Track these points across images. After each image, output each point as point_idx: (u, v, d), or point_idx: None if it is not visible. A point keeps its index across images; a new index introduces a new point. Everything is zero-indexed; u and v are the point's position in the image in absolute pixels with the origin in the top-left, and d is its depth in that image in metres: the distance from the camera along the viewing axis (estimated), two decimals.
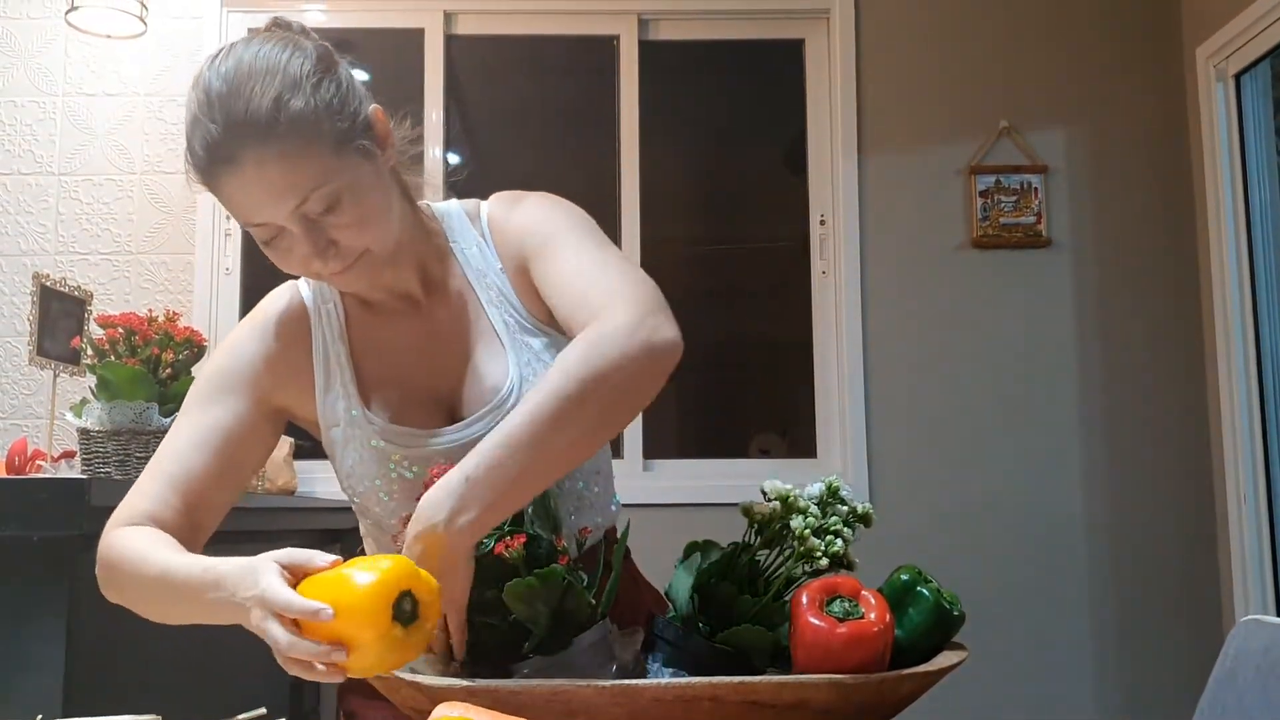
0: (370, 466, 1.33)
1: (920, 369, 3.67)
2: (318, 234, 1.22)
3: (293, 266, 1.27)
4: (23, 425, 3.59)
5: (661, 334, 1.17)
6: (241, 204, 1.21)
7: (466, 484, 1.10)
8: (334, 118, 1.21)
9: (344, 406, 1.35)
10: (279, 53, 1.21)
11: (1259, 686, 1.28)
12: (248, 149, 1.17)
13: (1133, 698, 3.55)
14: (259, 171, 1.17)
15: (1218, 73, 3.59)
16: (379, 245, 1.26)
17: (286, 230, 1.22)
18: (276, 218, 1.20)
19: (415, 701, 1.06)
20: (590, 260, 1.29)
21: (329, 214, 1.21)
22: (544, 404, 1.13)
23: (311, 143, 1.19)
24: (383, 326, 1.39)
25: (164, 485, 1.30)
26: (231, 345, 1.39)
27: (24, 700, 1.66)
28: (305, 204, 1.19)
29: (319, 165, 1.19)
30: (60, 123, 3.73)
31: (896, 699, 1.07)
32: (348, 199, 1.21)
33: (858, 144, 3.76)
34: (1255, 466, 3.43)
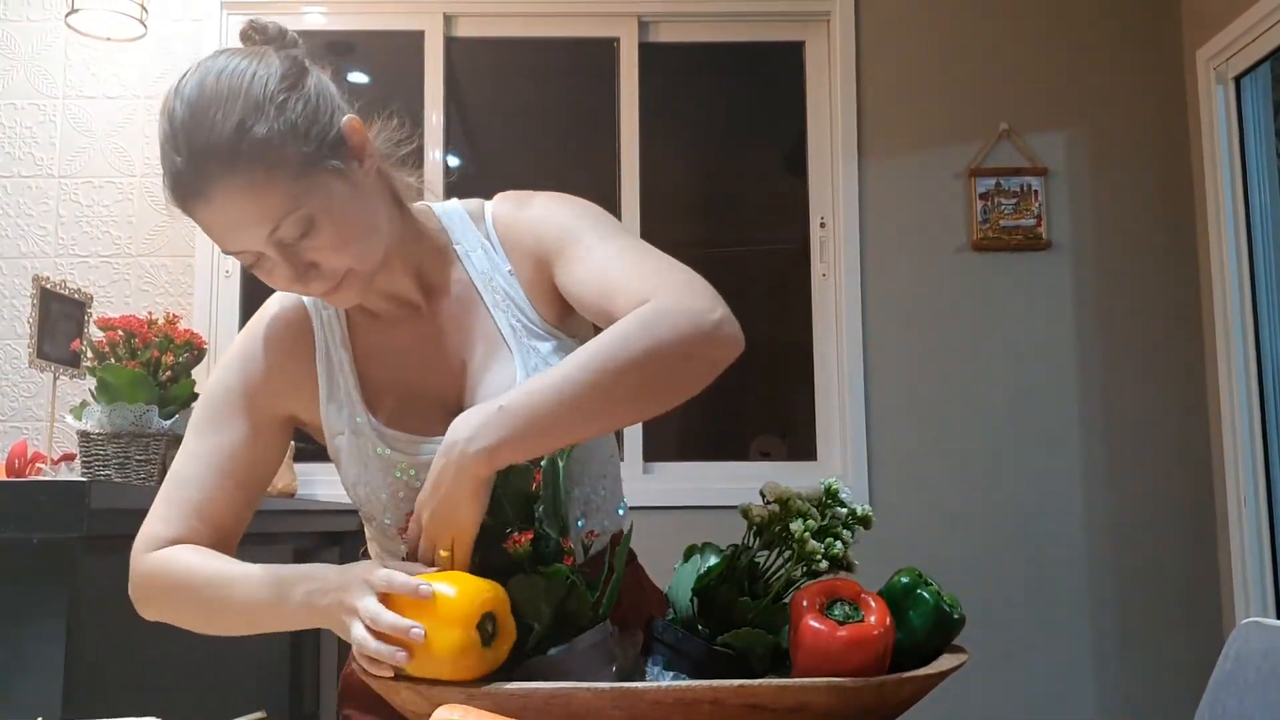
0: (374, 474, 1.33)
1: (920, 371, 3.67)
2: (295, 258, 1.19)
3: (280, 285, 1.25)
4: (23, 428, 3.59)
5: (730, 327, 1.15)
6: (217, 233, 1.19)
7: (499, 412, 1.10)
8: (299, 141, 1.17)
9: (348, 414, 1.34)
10: (242, 72, 1.18)
11: (1259, 689, 1.28)
12: (213, 180, 1.14)
13: (1133, 700, 3.55)
14: (226, 203, 1.15)
15: (1218, 75, 3.60)
16: (362, 262, 1.23)
17: (265, 255, 1.19)
18: (251, 245, 1.18)
19: (414, 704, 1.06)
20: (627, 249, 1.27)
21: (305, 238, 1.18)
22: (596, 361, 1.11)
23: (276, 168, 1.15)
24: (385, 332, 1.37)
25: (187, 510, 1.31)
26: (234, 360, 1.38)
27: (24, 702, 1.66)
28: (278, 231, 1.16)
29: (286, 191, 1.16)
30: (60, 125, 3.73)
31: (897, 702, 1.07)
32: (323, 221, 1.18)
33: (858, 146, 3.76)
34: (1255, 468, 3.43)
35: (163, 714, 1.18)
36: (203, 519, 1.31)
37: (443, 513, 1.11)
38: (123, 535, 1.92)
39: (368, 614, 1.06)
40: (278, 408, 1.36)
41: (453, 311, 1.36)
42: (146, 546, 1.31)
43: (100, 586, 1.84)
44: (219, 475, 1.32)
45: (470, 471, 1.10)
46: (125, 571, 1.97)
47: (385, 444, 1.32)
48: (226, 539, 1.33)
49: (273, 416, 1.36)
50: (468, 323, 1.35)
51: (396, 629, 1.04)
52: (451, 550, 1.12)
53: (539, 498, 1.18)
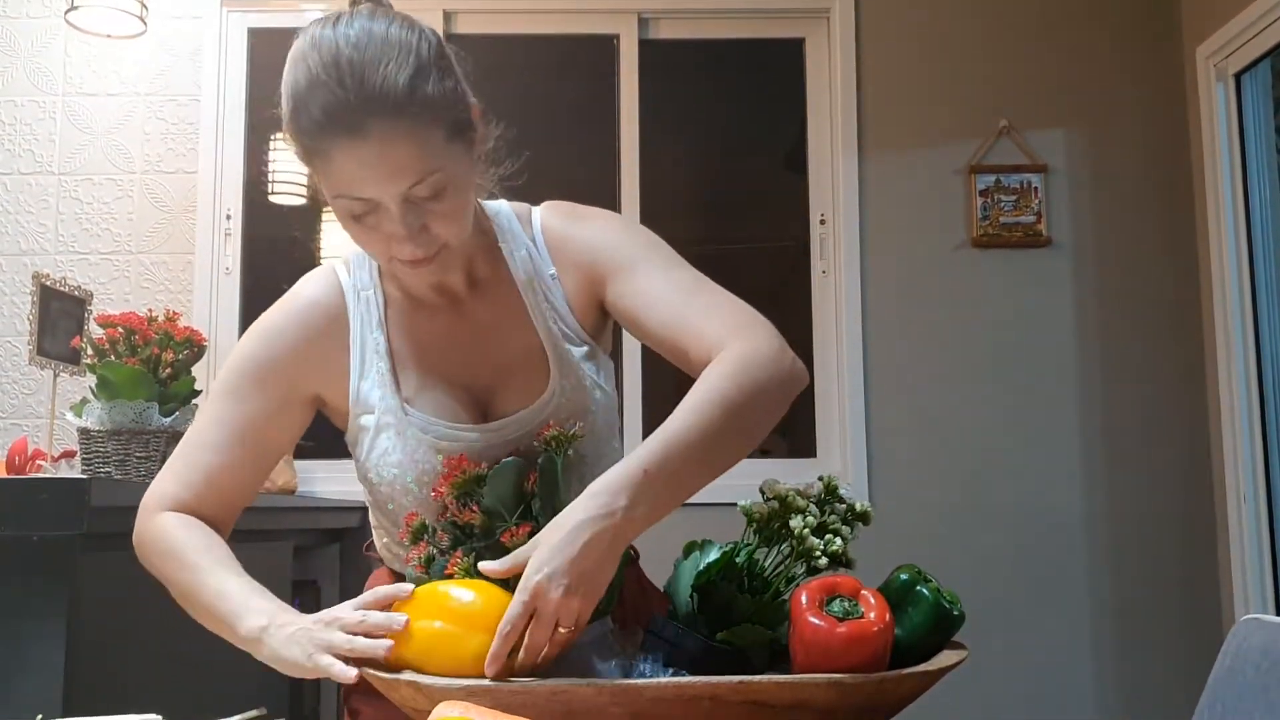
0: (401, 455, 1.33)
1: (920, 368, 3.67)
2: (414, 217, 1.21)
3: (373, 245, 1.25)
4: (23, 425, 3.59)
5: (799, 366, 1.24)
6: (351, 175, 1.18)
7: (644, 477, 1.10)
8: (451, 110, 1.22)
9: (379, 395, 1.35)
10: (406, 33, 1.20)
11: (1259, 686, 1.28)
12: (378, 121, 1.15)
13: (1132, 697, 3.55)
14: (383, 146, 1.16)
15: (1218, 72, 3.59)
16: (457, 240, 1.26)
17: (383, 208, 1.20)
18: (383, 195, 1.19)
19: (414, 701, 1.06)
20: (691, 281, 1.33)
21: (431, 200, 1.21)
22: (713, 411, 1.15)
23: (435, 128, 1.19)
24: (422, 319, 1.38)
25: (199, 474, 1.34)
26: (265, 333, 1.38)
27: (24, 700, 1.66)
28: (417, 186, 1.19)
29: (437, 151, 1.19)
30: (60, 122, 3.73)
31: (896, 698, 1.07)
32: (450, 189, 1.22)
33: (858, 143, 3.76)
34: (1255, 465, 3.43)
35: (163, 711, 1.18)
36: (211, 484, 1.34)
37: (589, 583, 1.07)
38: (123, 533, 1.92)
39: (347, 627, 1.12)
40: (303, 386, 1.37)
41: (491, 308, 1.38)
42: (155, 504, 1.34)
43: (100, 584, 1.84)
44: (235, 444, 1.34)
45: (622, 538, 1.09)
46: (126, 569, 1.97)
47: (416, 427, 1.33)
48: (231, 507, 1.37)
49: (296, 394, 1.37)
50: (505, 319, 1.38)
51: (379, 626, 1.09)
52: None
53: (535, 495, 1.18)
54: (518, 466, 1.20)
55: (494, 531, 1.16)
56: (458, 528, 1.20)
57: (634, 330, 1.36)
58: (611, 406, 1.42)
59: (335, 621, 1.12)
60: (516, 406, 1.35)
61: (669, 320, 1.29)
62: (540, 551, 1.07)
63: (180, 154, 3.72)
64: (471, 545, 1.16)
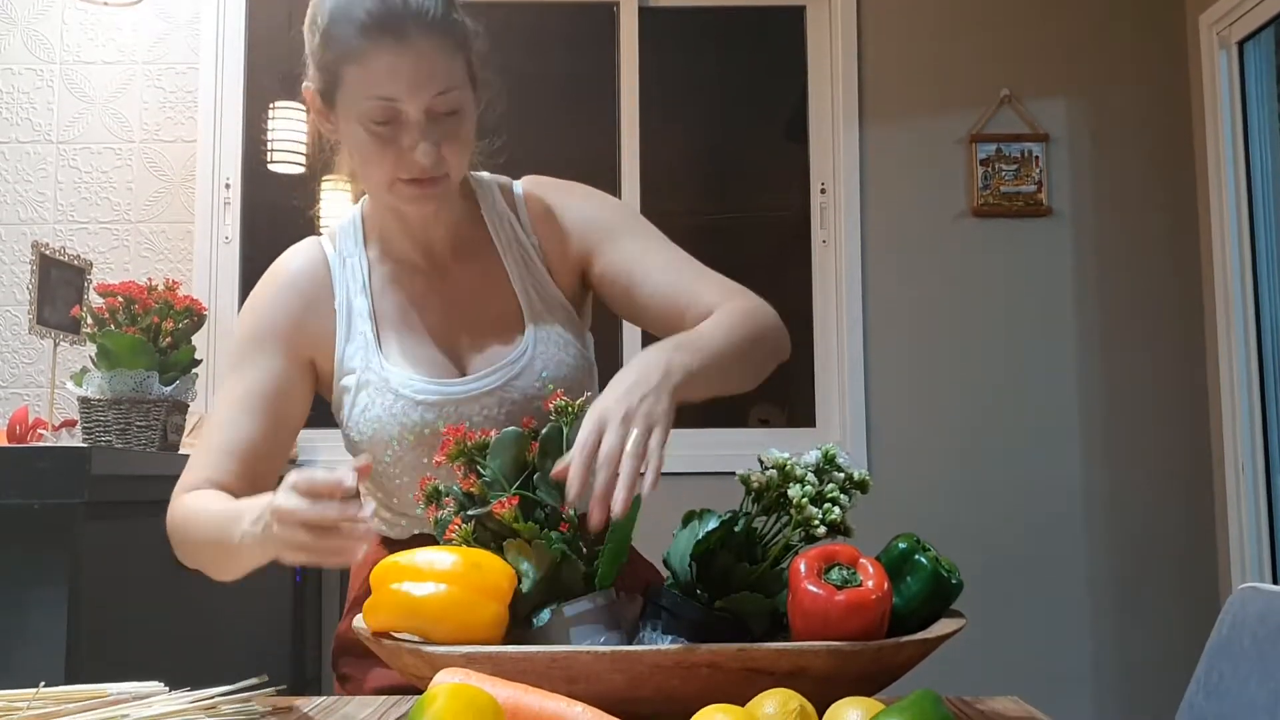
0: (381, 411, 1.38)
1: (920, 337, 3.67)
2: (430, 132, 1.29)
3: (384, 161, 1.31)
4: (23, 394, 3.59)
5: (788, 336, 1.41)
6: (385, 76, 1.27)
7: (679, 348, 1.20)
8: (472, 46, 1.34)
9: (362, 356, 1.40)
10: None
11: (1255, 654, 1.29)
12: (416, 30, 1.26)
13: (1129, 665, 3.58)
14: (419, 53, 1.26)
15: (1220, 40, 3.57)
16: (456, 175, 1.35)
17: (404, 119, 1.28)
18: (411, 100, 1.27)
19: (416, 668, 1.07)
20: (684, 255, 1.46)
21: (448, 118, 1.30)
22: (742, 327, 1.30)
23: (462, 51, 1.31)
24: (404, 282, 1.44)
25: (219, 454, 1.35)
26: (257, 305, 1.43)
27: (26, 667, 1.67)
28: (440, 97, 1.28)
29: (462, 73, 1.31)
30: (58, 90, 3.71)
31: (894, 666, 1.07)
32: (464, 116, 1.33)
33: (859, 112, 3.74)
34: (1254, 436, 3.44)
35: (164, 679, 1.18)
36: (232, 456, 1.35)
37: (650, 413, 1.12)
38: (124, 501, 1.93)
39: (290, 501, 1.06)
40: (299, 349, 1.42)
41: (472, 271, 1.45)
42: (178, 492, 1.35)
43: (101, 551, 1.85)
44: (248, 412, 1.37)
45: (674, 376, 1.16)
46: (126, 537, 1.99)
47: (396, 385, 1.38)
48: (262, 475, 1.37)
49: (295, 357, 1.41)
50: (485, 284, 1.44)
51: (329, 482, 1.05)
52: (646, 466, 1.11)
53: (535, 465, 1.18)
54: (518, 437, 1.20)
55: (491, 500, 1.16)
56: (464, 493, 1.21)
57: (622, 298, 1.44)
58: (587, 371, 1.47)
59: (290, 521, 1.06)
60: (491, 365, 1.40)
61: (665, 284, 1.40)
62: (600, 398, 1.14)
63: (179, 122, 3.71)
64: (469, 513, 1.17)
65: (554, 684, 1.00)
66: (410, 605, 1.08)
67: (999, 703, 1.22)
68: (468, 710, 0.83)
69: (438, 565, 1.09)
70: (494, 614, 1.07)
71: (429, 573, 1.08)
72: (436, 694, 0.84)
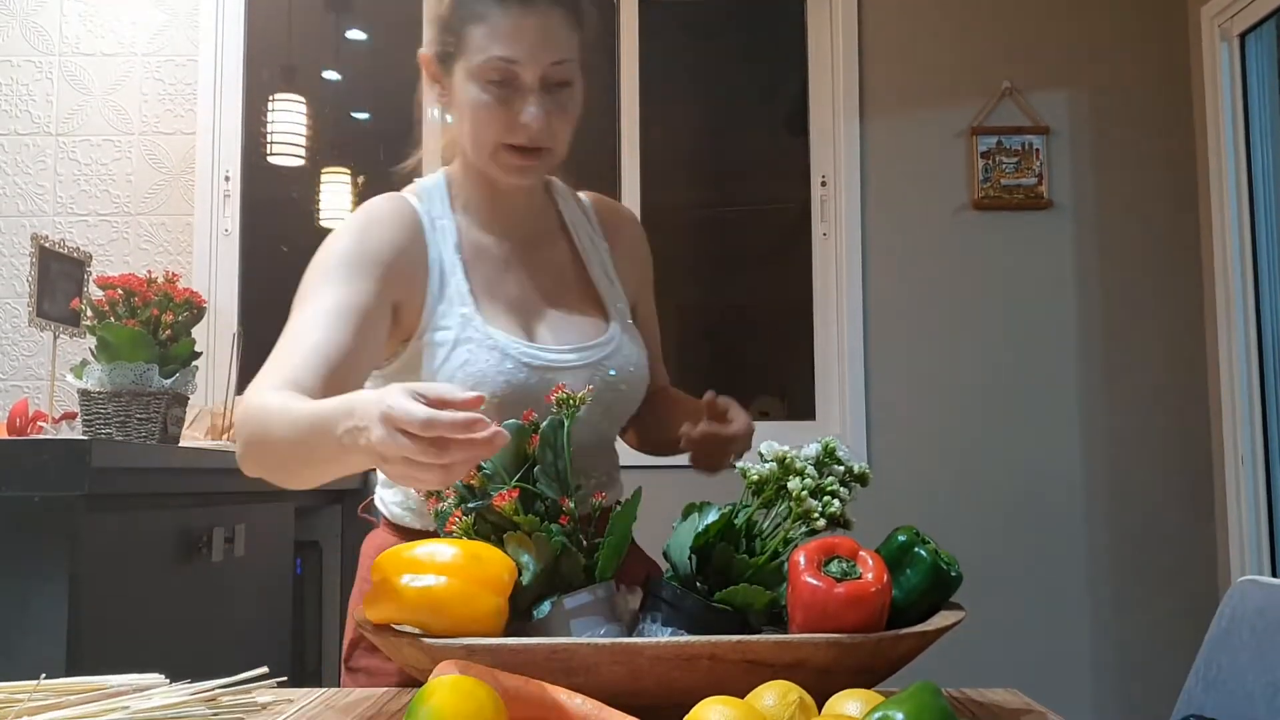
0: (486, 368, 1.36)
1: (920, 330, 3.67)
2: (541, 100, 1.35)
3: (492, 124, 1.36)
4: (23, 386, 3.59)
5: None
6: (507, 36, 1.33)
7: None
8: (592, 27, 1.41)
9: (458, 311, 1.39)
10: None
11: (1254, 646, 1.29)
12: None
13: (1129, 657, 3.58)
14: (544, 19, 1.33)
15: (1222, 32, 3.57)
16: (560, 151, 1.42)
17: (519, 84, 1.35)
18: (529, 63, 1.33)
19: (417, 660, 1.07)
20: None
21: (561, 89, 1.37)
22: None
23: (579, 32, 1.38)
24: (490, 254, 1.47)
25: (310, 354, 1.26)
26: (359, 229, 1.39)
27: (27, 659, 1.68)
28: (557, 66, 1.35)
29: (580, 48, 1.38)
30: (57, 83, 3.71)
31: (894, 658, 1.07)
32: (574, 90, 1.39)
33: (860, 105, 3.74)
34: (1253, 428, 3.44)
35: (165, 670, 1.18)
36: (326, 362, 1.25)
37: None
38: (124, 494, 1.93)
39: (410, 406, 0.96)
40: (393, 287, 1.36)
41: (550, 258, 1.51)
42: (256, 389, 1.24)
43: (102, 544, 1.85)
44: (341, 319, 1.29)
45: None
46: (127, 529, 1.99)
47: (502, 343, 1.38)
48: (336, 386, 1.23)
49: (386, 293, 1.35)
50: (563, 272, 1.51)
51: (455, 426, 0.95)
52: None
53: (535, 458, 1.18)
54: (519, 430, 1.20)
55: (490, 493, 1.16)
56: (464, 486, 1.21)
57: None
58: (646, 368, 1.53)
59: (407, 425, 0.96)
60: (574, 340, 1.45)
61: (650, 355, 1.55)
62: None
63: (178, 115, 3.71)
64: (469, 506, 1.17)
65: (554, 676, 1.00)
66: (411, 597, 1.08)
67: (998, 694, 1.22)
68: (467, 703, 0.83)
69: (438, 557, 1.09)
70: (494, 606, 1.07)
71: (429, 565, 1.08)
72: (436, 687, 0.84)
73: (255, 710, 1.14)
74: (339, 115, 4.09)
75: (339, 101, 4.11)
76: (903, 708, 0.81)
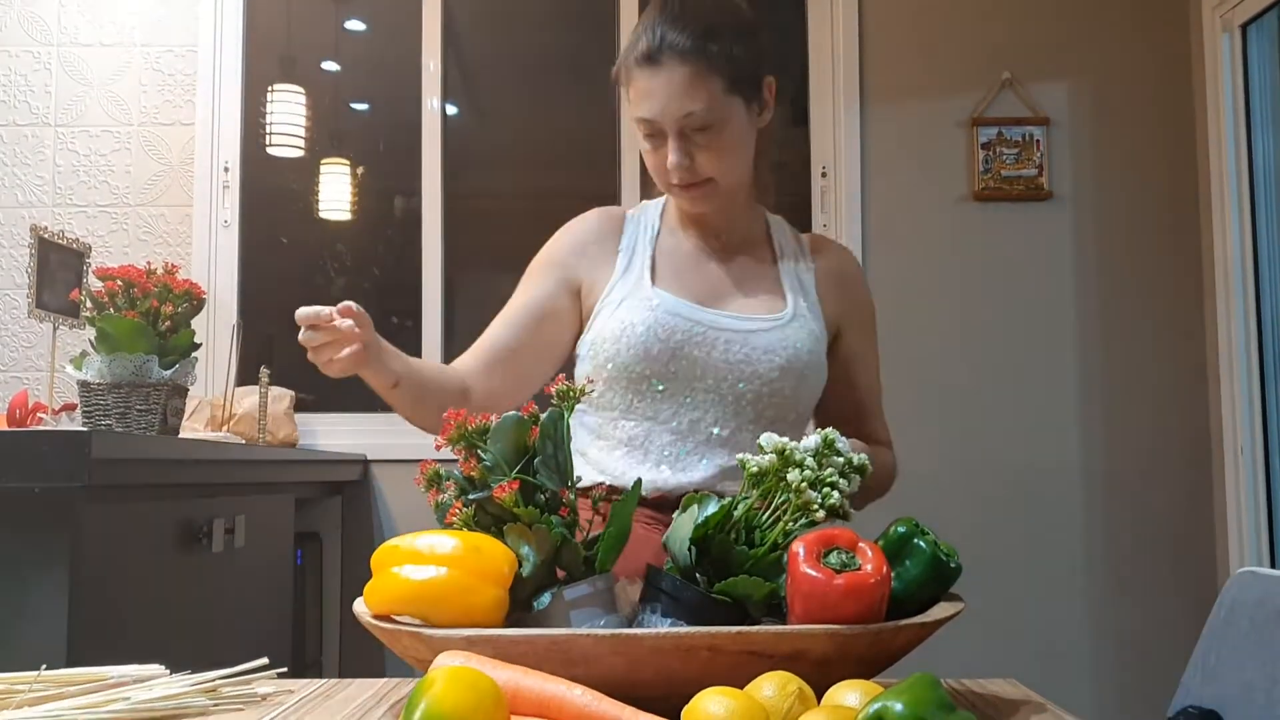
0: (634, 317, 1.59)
1: (920, 322, 3.67)
2: (684, 145, 1.55)
3: (656, 167, 1.59)
4: (23, 378, 3.59)
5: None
6: (643, 97, 1.55)
7: None
8: (741, 69, 1.55)
9: (634, 283, 1.64)
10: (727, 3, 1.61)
11: (1253, 637, 1.29)
12: (668, 59, 1.52)
13: (1127, 648, 3.59)
14: (669, 78, 1.52)
15: (1224, 23, 3.56)
16: (725, 177, 1.58)
17: (664, 134, 1.55)
18: (662, 117, 1.54)
19: (416, 651, 1.07)
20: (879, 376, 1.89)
21: (701, 133, 1.54)
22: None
23: (715, 77, 1.53)
24: (685, 252, 1.69)
25: (475, 349, 1.65)
26: (556, 235, 1.73)
27: (27, 650, 1.68)
28: (689, 117, 1.52)
29: (715, 96, 1.53)
30: (55, 73, 3.70)
31: (893, 649, 1.08)
32: (718, 129, 1.54)
33: (860, 95, 3.73)
34: (1253, 420, 3.44)
35: (165, 662, 1.19)
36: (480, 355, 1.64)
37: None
38: (124, 485, 1.93)
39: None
40: (576, 274, 1.67)
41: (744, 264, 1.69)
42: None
43: (102, 535, 1.85)
44: (508, 323, 1.66)
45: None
46: (127, 520, 1.99)
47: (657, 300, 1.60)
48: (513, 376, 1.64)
49: (570, 281, 1.67)
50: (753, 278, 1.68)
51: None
52: None
53: (535, 450, 1.18)
54: (518, 422, 1.20)
55: (491, 485, 1.16)
56: (465, 478, 1.21)
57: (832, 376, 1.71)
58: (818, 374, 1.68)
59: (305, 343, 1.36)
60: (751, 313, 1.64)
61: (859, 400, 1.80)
62: None
63: (177, 106, 3.70)
64: (470, 497, 1.17)
65: (554, 667, 1.00)
66: (411, 589, 1.08)
67: (997, 685, 1.22)
68: (468, 693, 0.83)
69: (438, 549, 1.09)
70: (494, 598, 1.07)
71: (429, 556, 1.09)
72: (436, 677, 0.84)
73: (256, 701, 1.14)
74: (338, 106, 4.09)
75: (338, 92, 4.10)
76: (902, 698, 0.81)
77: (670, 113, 1.52)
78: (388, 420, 3.69)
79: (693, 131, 1.54)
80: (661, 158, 1.57)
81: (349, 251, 3.99)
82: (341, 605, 3.39)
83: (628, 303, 1.60)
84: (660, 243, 1.69)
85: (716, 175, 1.57)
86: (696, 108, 1.52)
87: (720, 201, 1.63)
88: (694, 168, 1.55)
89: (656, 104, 1.53)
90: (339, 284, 3.97)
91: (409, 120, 3.80)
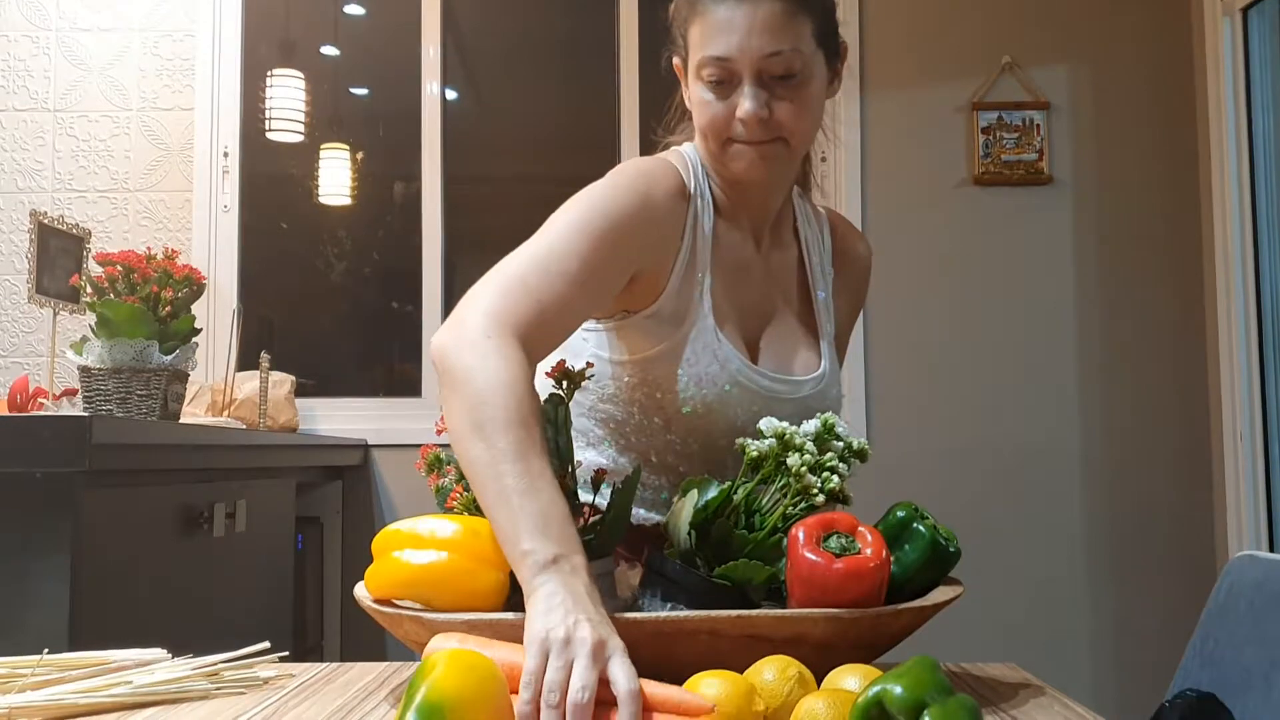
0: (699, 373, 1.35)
1: (920, 306, 3.67)
2: (760, 93, 1.32)
3: (719, 119, 1.34)
4: (24, 363, 3.59)
5: None
6: (721, 31, 1.31)
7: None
8: (828, 21, 1.36)
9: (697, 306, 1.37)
10: None
11: (1251, 621, 1.29)
12: None
13: (1127, 633, 3.60)
14: (753, 9, 1.29)
15: (1224, 6, 3.55)
16: (795, 140, 1.36)
17: (738, 79, 1.32)
18: (742, 57, 1.30)
19: (417, 635, 1.07)
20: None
21: (782, 81, 1.32)
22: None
23: (806, 20, 1.32)
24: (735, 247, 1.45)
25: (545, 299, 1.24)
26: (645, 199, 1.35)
27: (30, 634, 1.68)
28: (773, 58, 1.30)
29: (802, 39, 1.32)
30: (55, 58, 3.69)
31: (892, 633, 1.08)
32: (801, 79, 1.33)
33: (860, 79, 3.73)
34: (1252, 403, 3.44)
35: (167, 646, 1.19)
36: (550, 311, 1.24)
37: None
38: (125, 470, 1.93)
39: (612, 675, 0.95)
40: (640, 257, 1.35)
41: (784, 265, 1.51)
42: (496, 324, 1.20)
43: (103, 519, 1.86)
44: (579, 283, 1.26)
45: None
46: (128, 505, 1.99)
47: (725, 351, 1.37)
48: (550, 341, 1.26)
49: (633, 262, 1.34)
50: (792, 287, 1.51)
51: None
52: None
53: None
54: None
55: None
56: None
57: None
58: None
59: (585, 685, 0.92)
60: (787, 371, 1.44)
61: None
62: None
63: (177, 90, 3.69)
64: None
65: None
66: (411, 573, 1.08)
67: (996, 669, 1.23)
68: (469, 674, 0.84)
69: (439, 533, 1.09)
70: (495, 581, 1.08)
71: (430, 540, 1.09)
72: (437, 659, 0.84)
73: (257, 685, 1.14)
74: (338, 91, 4.08)
75: (338, 77, 4.10)
76: (901, 682, 0.82)
77: (753, 49, 1.29)
78: (388, 405, 3.70)
79: (771, 80, 1.32)
80: (726, 109, 1.33)
81: (349, 236, 3.98)
82: (342, 589, 3.40)
83: (693, 347, 1.36)
84: (716, 234, 1.42)
85: (791, 135, 1.35)
86: (784, 47, 1.30)
87: (781, 170, 1.40)
88: (768, 123, 1.33)
89: (735, 39, 1.30)
90: (339, 269, 3.97)
91: (408, 105, 3.79)
